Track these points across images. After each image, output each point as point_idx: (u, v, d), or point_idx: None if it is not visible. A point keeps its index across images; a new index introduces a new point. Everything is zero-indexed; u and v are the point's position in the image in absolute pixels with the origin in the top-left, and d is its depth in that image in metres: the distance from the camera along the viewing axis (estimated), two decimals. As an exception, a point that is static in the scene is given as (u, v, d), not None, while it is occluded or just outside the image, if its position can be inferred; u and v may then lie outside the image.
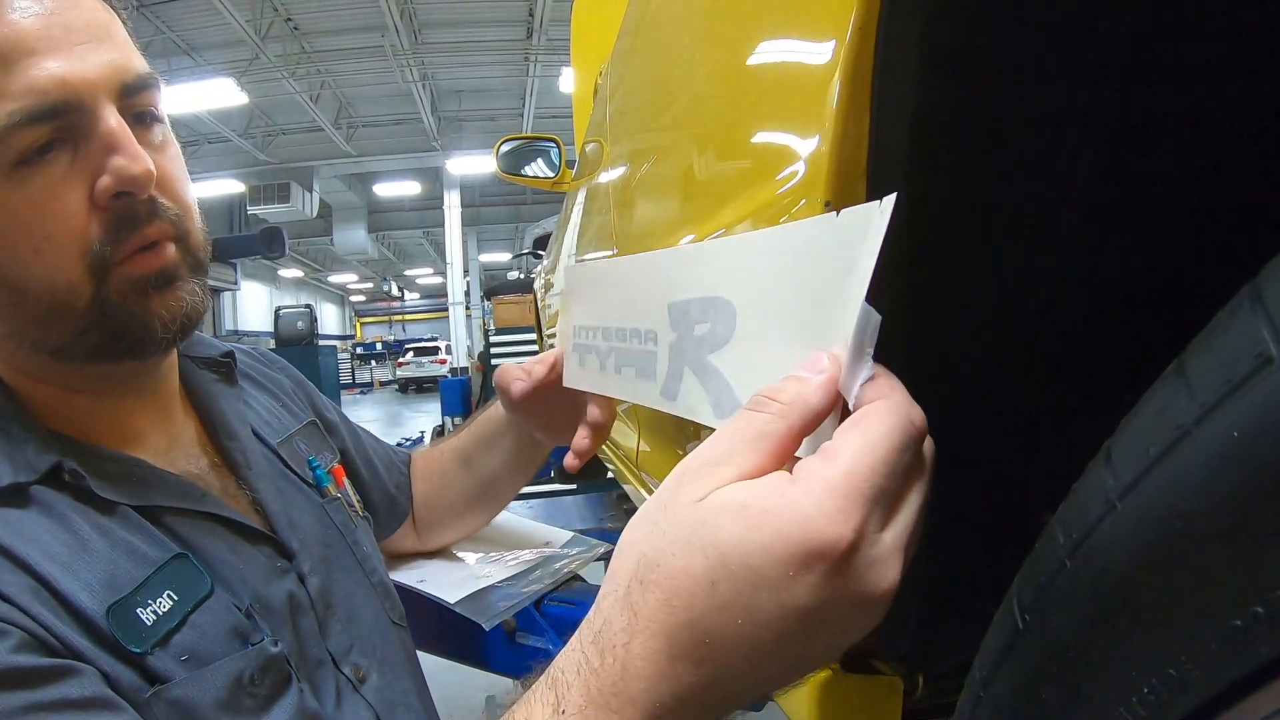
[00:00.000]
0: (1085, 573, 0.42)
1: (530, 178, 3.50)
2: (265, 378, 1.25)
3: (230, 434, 1.04)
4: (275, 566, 0.95)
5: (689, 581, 0.48)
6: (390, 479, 1.40)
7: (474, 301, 23.21)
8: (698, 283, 0.70)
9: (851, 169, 0.58)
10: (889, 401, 0.49)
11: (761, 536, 0.47)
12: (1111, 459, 0.41)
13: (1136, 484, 0.39)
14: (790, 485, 0.48)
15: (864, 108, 0.57)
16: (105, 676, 0.74)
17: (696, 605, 0.48)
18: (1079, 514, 0.43)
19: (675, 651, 0.48)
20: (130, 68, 0.84)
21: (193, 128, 17.72)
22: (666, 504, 0.51)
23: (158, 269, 0.85)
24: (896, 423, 0.48)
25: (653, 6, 1.28)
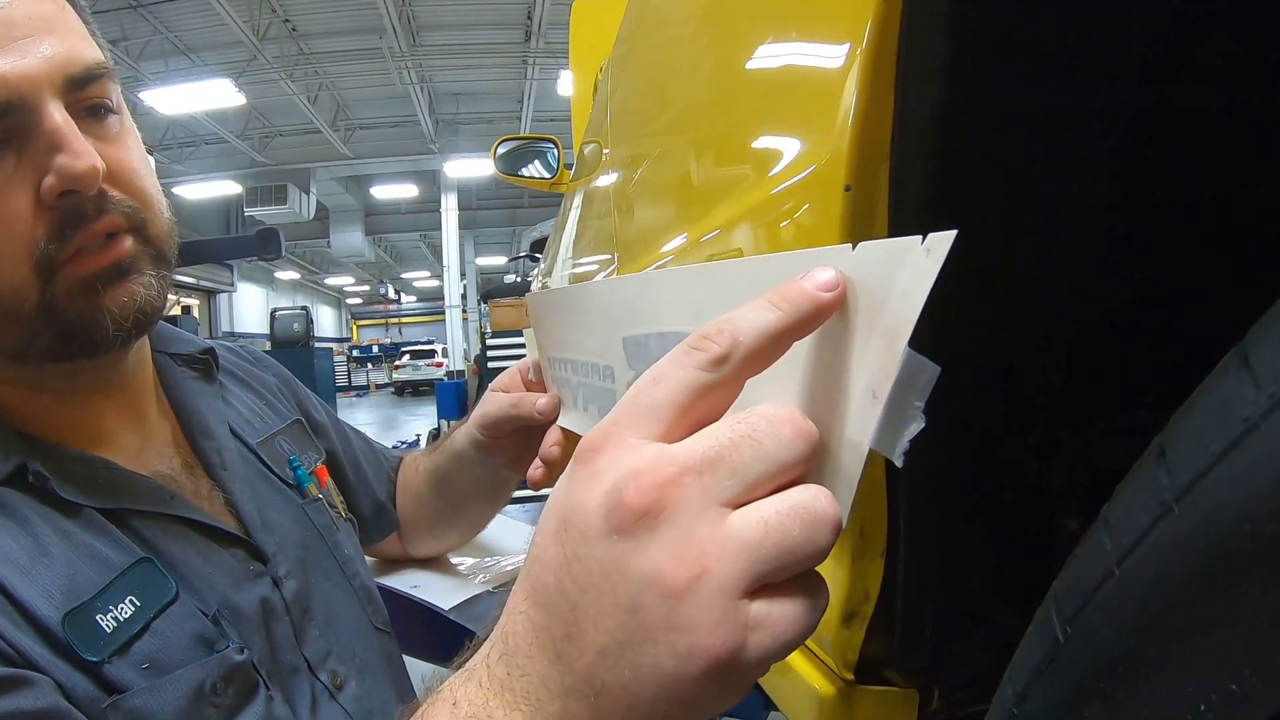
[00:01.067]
0: (1137, 581, 0.39)
1: (527, 178, 3.47)
2: (249, 375, 1.22)
3: (206, 432, 1.01)
4: (248, 570, 0.93)
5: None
6: (381, 486, 1.38)
7: (471, 304, 23.23)
8: (657, 315, 0.65)
9: (874, 151, 0.55)
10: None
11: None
12: (1166, 457, 0.38)
13: (1196, 484, 0.35)
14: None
15: (888, 86, 0.54)
16: (60, 686, 0.72)
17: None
18: (1128, 518, 0.40)
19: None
20: (77, 59, 0.81)
21: (190, 129, 17.78)
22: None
23: (109, 263, 0.82)
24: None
25: (655, 4, 1.25)
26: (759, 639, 0.43)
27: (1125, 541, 0.39)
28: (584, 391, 0.88)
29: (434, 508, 1.40)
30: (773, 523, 0.43)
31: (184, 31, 14.06)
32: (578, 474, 0.47)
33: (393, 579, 1.46)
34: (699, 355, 0.46)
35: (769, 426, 0.44)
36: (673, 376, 0.46)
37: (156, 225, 0.87)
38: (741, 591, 0.42)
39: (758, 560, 0.42)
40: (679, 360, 0.46)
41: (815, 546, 0.43)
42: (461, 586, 1.45)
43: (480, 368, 10.40)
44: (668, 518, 0.43)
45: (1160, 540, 0.37)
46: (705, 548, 0.42)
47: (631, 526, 0.43)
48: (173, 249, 0.90)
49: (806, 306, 0.45)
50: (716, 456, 0.44)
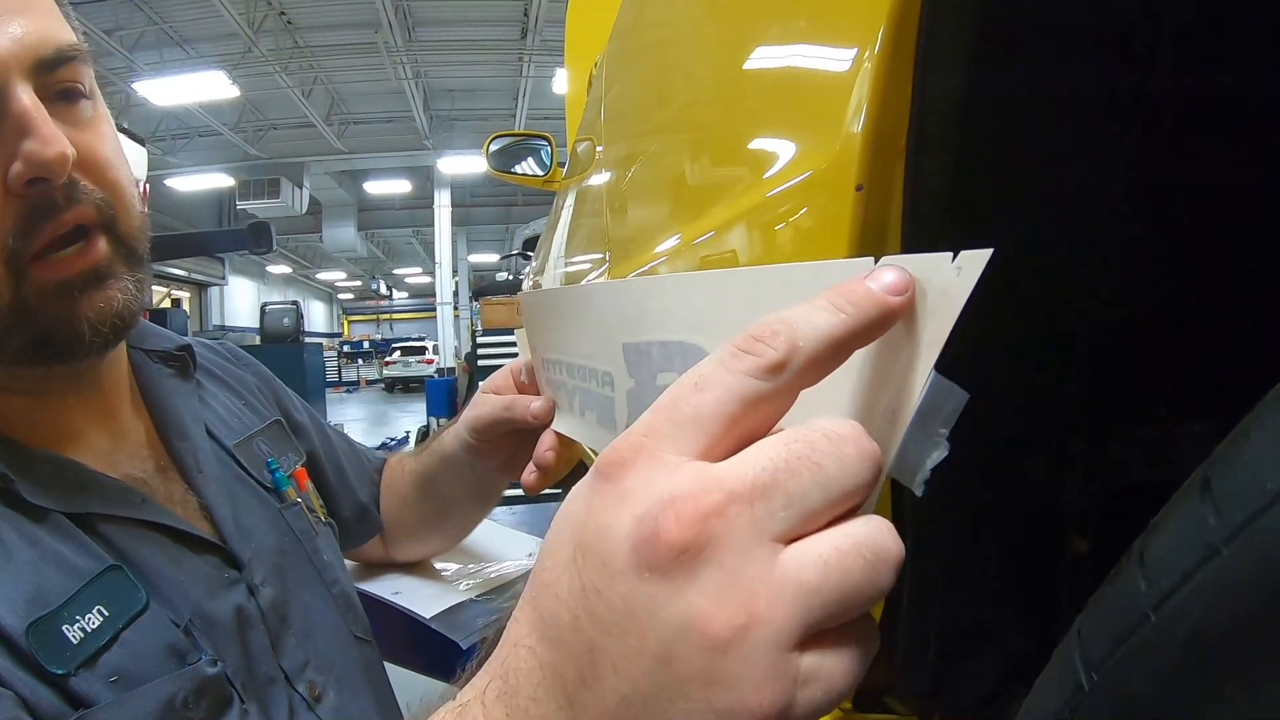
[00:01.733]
0: (1177, 628, 0.35)
1: (520, 175, 3.45)
2: (228, 374, 1.18)
3: (181, 433, 0.97)
4: (222, 578, 0.89)
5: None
6: (362, 488, 1.34)
7: (462, 302, 23.21)
8: (660, 322, 0.61)
9: (890, 147, 0.51)
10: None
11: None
12: (1212, 491, 0.34)
13: (1250, 525, 0.31)
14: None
15: (906, 75, 0.50)
16: (24, 700, 0.68)
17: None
18: (1168, 557, 0.36)
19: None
20: (49, 40, 0.78)
21: (183, 120, 17.76)
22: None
23: (86, 269, 0.79)
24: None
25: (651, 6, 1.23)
26: (810, 694, 0.37)
27: (1164, 584, 0.35)
28: (580, 396, 0.85)
29: (420, 511, 1.36)
30: (834, 562, 0.37)
31: (178, 22, 14.05)
32: (602, 491, 0.40)
33: (373, 584, 1.42)
34: (751, 360, 0.39)
35: (830, 446, 0.38)
36: (720, 382, 0.40)
37: (128, 220, 0.83)
38: (794, 642, 0.37)
39: (815, 606, 0.37)
40: (728, 364, 0.40)
41: (877, 589, 0.37)
42: (444, 594, 1.41)
43: (471, 365, 10.38)
44: (711, 555, 0.37)
45: (1205, 585, 0.33)
46: (754, 591, 0.36)
47: (667, 564, 0.37)
48: (145, 245, 0.86)
49: (873, 311, 0.39)
50: (770, 482, 0.37)
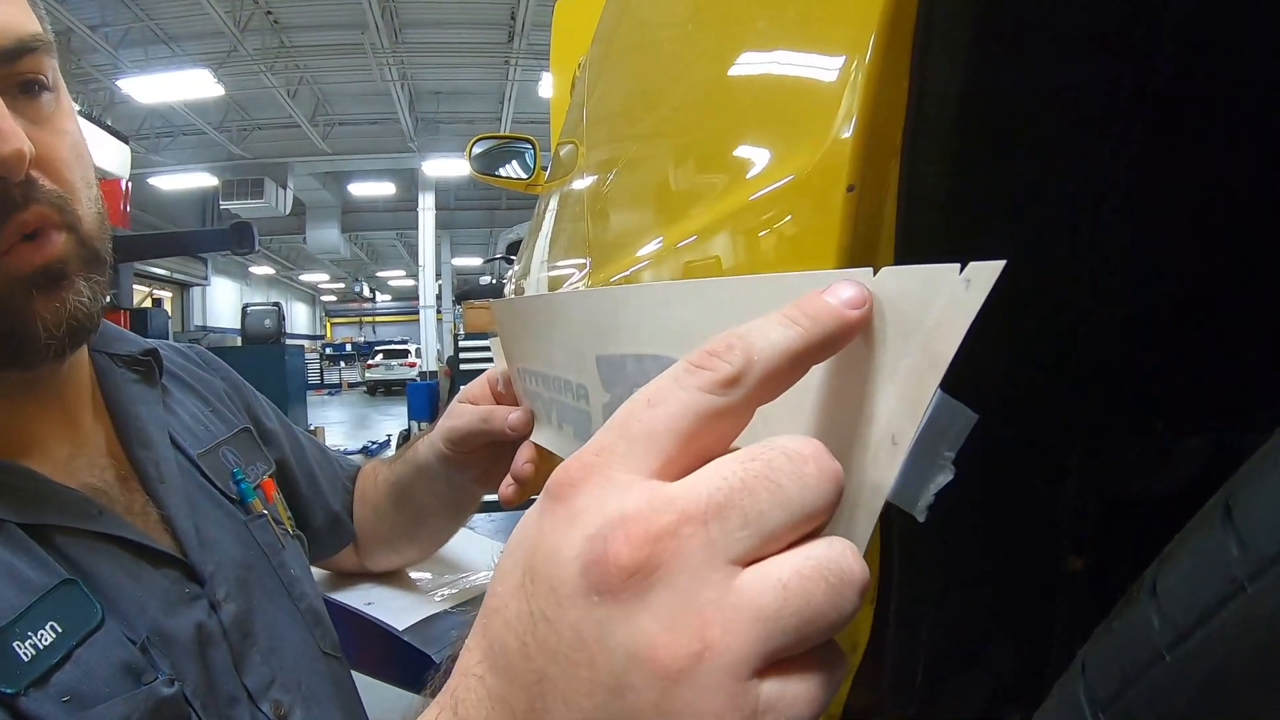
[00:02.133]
0: (1195, 670, 0.32)
1: (503, 178, 3.43)
2: (195, 379, 1.14)
3: (144, 442, 0.93)
4: (182, 593, 0.85)
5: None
6: (335, 496, 1.30)
7: (445, 305, 23.21)
8: (633, 335, 0.58)
9: (884, 145, 0.48)
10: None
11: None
12: (1234, 520, 0.31)
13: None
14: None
15: (902, 71, 0.47)
16: None
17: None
18: (1185, 591, 0.33)
19: None
20: (10, 29, 0.75)
21: (168, 119, 17.72)
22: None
23: (41, 264, 0.75)
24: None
25: (636, 3, 1.21)
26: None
27: (1180, 620, 0.32)
28: (557, 409, 0.83)
29: (393, 521, 1.33)
30: (793, 586, 0.35)
31: (165, 19, 14.00)
32: (551, 513, 0.38)
33: (346, 594, 1.39)
34: (706, 375, 0.38)
35: (790, 465, 0.36)
36: (673, 398, 0.38)
37: (88, 222, 0.80)
38: (752, 670, 0.34)
39: (774, 633, 0.34)
40: (681, 379, 0.38)
41: (840, 614, 0.35)
42: (418, 605, 1.37)
43: (453, 369, 10.36)
44: (663, 578, 0.35)
45: (1228, 624, 0.30)
46: (709, 617, 0.34)
47: (617, 587, 0.35)
48: (106, 247, 0.83)
49: (830, 324, 0.38)
50: (726, 501, 0.35)
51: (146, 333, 7.46)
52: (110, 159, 8.45)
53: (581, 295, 0.70)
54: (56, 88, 0.80)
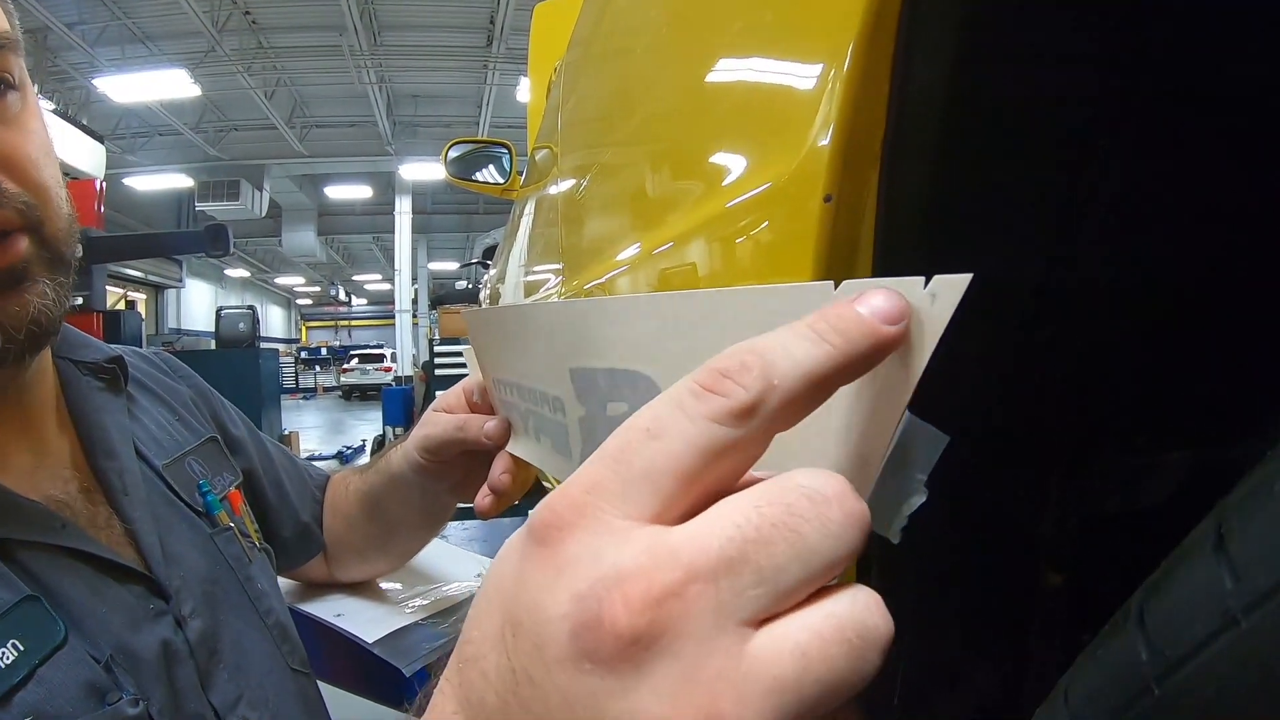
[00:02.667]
0: (1186, 706, 0.30)
1: (478, 183, 3.42)
2: (161, 386, 1.12)
3: (108, 452, 0.91)
4: (147, 609, 0.83)
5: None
6: (304, 506, 1.28)
7: (422, 310, 23.18)
8: (606, 349, 0.55)
9: (863, 153, 0.47)
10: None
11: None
12: (1228, 549, 0.29)
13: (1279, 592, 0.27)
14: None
15: (883, 76, 0.46)
16: None
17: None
18: (1176, 623, 0.31)
19: None
20: None
21: (144, 119, 17.59)
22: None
23: (4, 266, 0.73)
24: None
25: (613, 8, 1.20)
26: None
27: (1170, 653, 0.31)
28: (534, 420, 0.81)
29: (365, 531, 1.31)
30: (814, 652, 0.30)
31: (142, 18, 13.92)
32: (536, 558, 0.33)
33: (315, 605, 1.36)
34: (717, 402, 0.33)
35: (812, 509, 0.31)
36: (677, 431, 0.33)
37: (54, 223, 0.78)
38: None
39: (790, 704, 0.30)
40: (688, 406, 0.33)
41: (861, 677, 0.31)
42: (388, 617, 1.35)
43: (428, 374, 10.32)
44: (667, 646, 0.30)
45: (1221, 660, 0.29)
46: (718, 690, 0.30)
47: (614, 657, 0.30)
48: (73, 250, 0.81)
49: (863, 343, 0.33)
50: (739, 555, 0.31)
51: (120, 335, 7.44)
52: (85, 159, 8.39)
53: (554, 306, 0.69)
54: (23, 86, 0.78)
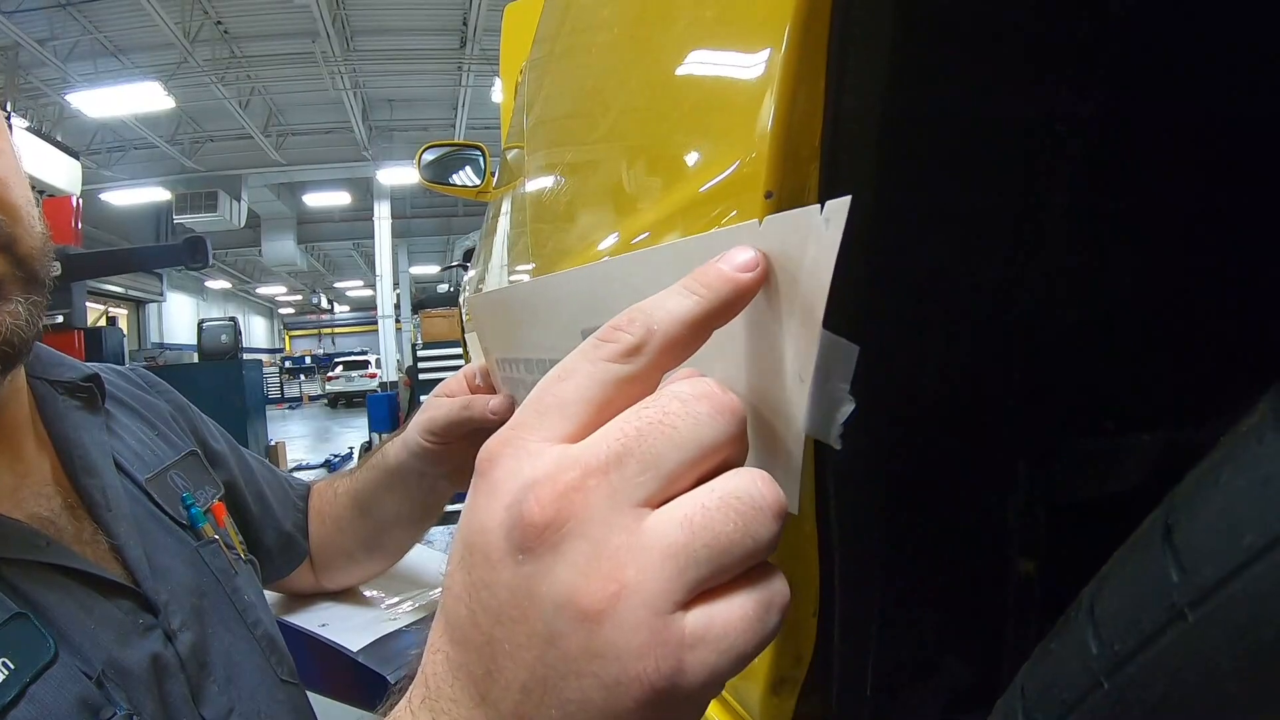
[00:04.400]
0: (1134, 701, 0.30)
1: (453, 186, 3.41)
2: (140, 402, 1.11)
3: (89, 469, 0.90)
4: (136, 624, 0.82)
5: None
6: (286, 516, 1.28)
7: (404, 314, 23.15)
8: (614, 304, 0.58)
9: (801, 150, 0.47)
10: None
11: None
12: (1173, 542, 0.29)
13: (1224, 586, 0.26)
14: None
15: (818, 70, 0.46)
16: None
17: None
18: (1123, 616, 0.31)
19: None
20: None
21: (119, 133, 17.52)
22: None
23: None
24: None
25: (574, 7, 1.19)
26: (701, 657, 0.36)
27: (1118, 648, 0.31)
28: None
29: (356, 532, 1.32)
30: (699, 520, 0.37)
31: (113, 31, 13.83)
32: (478, 488, 0.41)
33: (299, 616, 1.36)
34: (610, 347, 0.41)
35: (682, 407, 0.39)
36: (581, 371, 0.41)
37: (27, 242, 0.77)
38: (672, 605, 0.36)
39: (687, 565, 0.36)
40: (588, 353, 0.41)
41: (755, 540, 0.37)
42: (374, 624, 1.35)
43: (412, 379, 10.31)
44: (574, 529, 0.37)
45: (1168, 655, 0.28)
46: (621, 559, 0.37)
47: (535, 544, 0.37)
48: (46, 268, 0.79)
49: (725, 290, 0.41)
50: (623, 450, 0.38)
51: (102, 352, 7.39)
52: (61, 176, 8.34)
53: (569, 273, 0.71)
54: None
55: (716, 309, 0.41)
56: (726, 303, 0.41)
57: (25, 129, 9.52)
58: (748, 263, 0.41)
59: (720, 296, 0.41)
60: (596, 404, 0.40)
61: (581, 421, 0.40)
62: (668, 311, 0.41)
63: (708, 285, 0.41)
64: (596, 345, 0.41)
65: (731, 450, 0.39)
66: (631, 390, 0.41)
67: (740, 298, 0.41)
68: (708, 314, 0.41)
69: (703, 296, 0.41)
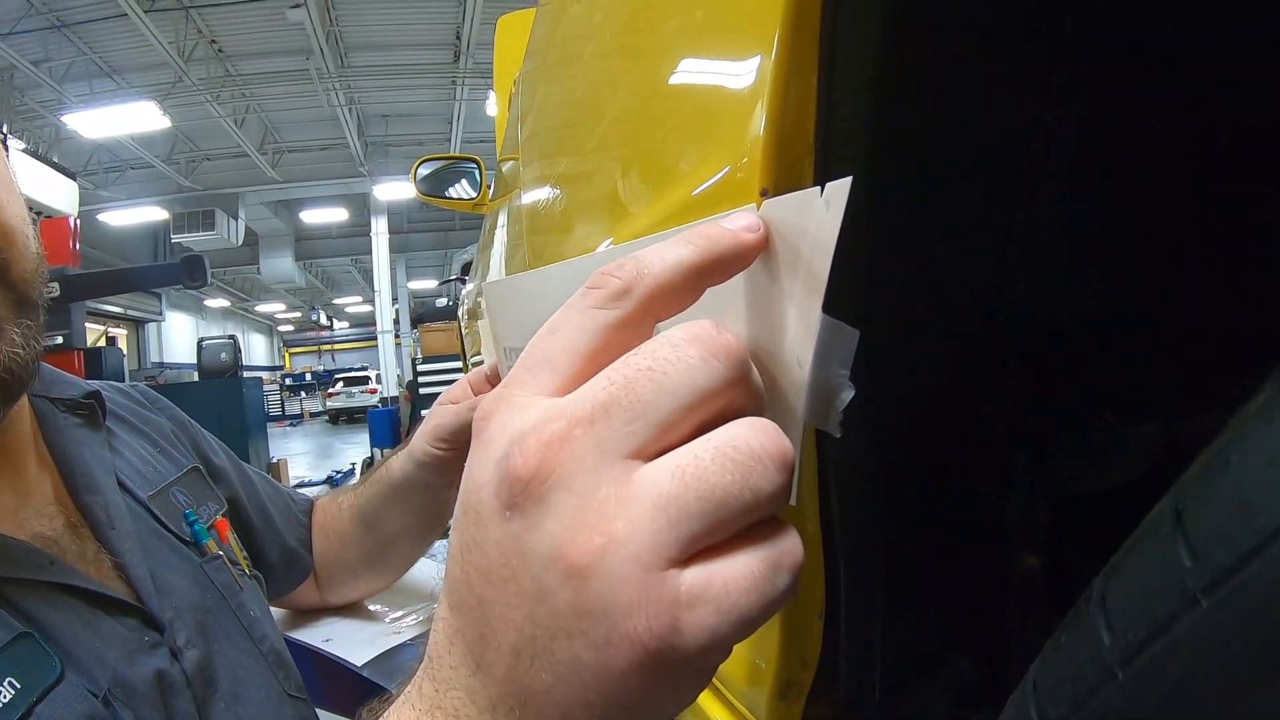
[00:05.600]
0: (1149, 690, 0.29)
1: (450, 199, 3.41)
2: (141, 419, 1.11)
3: (91, 487, 0.89)
4: (142, 641, 0.81)
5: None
6: (290, 531, 1.28)
7: (404, 329, 23.15)
8: None
9: (792, 147, 0.47)
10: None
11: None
12: (1185, 526, 0.28)
13: (1238, 570, 0.26)
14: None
15: (810, 65, 0.45)
16: None
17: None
18: (1135, 605, 0.30)
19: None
20: None
21: (115, 153, 17.54)
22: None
23: None
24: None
25: (563, 14, 1.20)
26: (699, 617, 0.34)
27: (1131, 637, 0.30)
28: None
29: (360, 547, 1.32)
30: (691, 471, 0.35)
31: (108, 52, 13.86)
32: (474, 448, 0.40)
33: (304, 633, 1.35)
34: (597, 293, 0.39)
35: (673, 352, 0.37)
36: (569, 321, 0.40)
37: (21, 264, 0.76)
38: (665, 560, 0.34)
39: (679, 519, 0.34)
40: (575, 304, 0.40)
41: (755, 492, 0.35)
42: (378, 638, 1.34)
43: (412, 394, 10.31)
44: (559, 481, 0.36)
45: (1183, 642, 0.28)
46: (608, 511, 0.35)
47: (521, 499, 0.36)
48: (41, 291, 0.78)
49: (724, 243, 0.40)
50: (609, 400, 0.36)
51: (102, 372, 7.40)
52: (58, 197, 8.37)
53: (579, 260, 0.71)
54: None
55: (712, 261, 0.40)
56: (723, 256, 0.40)
57: (22, 150, 9.53)
58: (750, 224, 0.40)
59: (718, 248, 0.40)
60: (585, 354, 0.39)
61: (571, 373, 0.39)
62: (661, 257, 0.40)
63: (706, 236, 0.40)
64: (585, 293, 0.40)
65: (733, 396, 0.37)
66: (622, 338, 0.39)
67: (738, 256, 0.40)
68: (703, 264, 0.39)
69: (699, 246, 0.39)
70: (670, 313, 0.40)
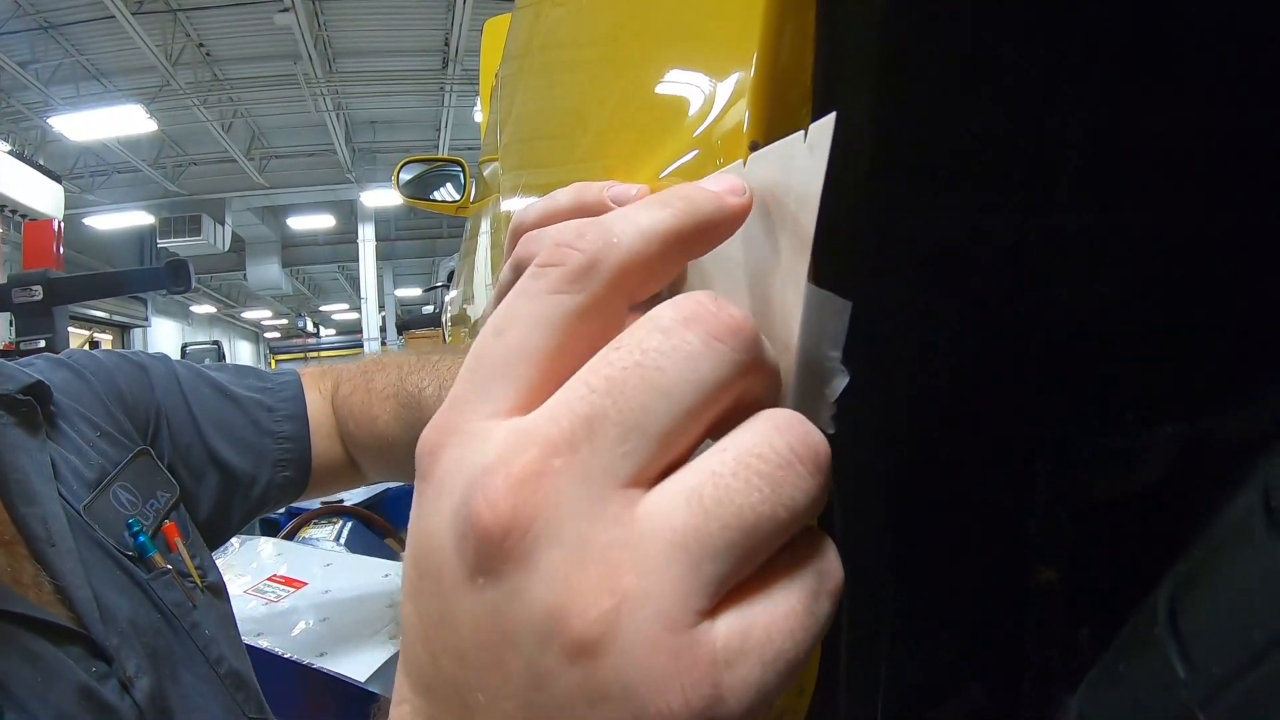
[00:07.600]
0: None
1: (433, 202, 3.38)
2: (80, 400, 1.00)
3: (28, 497, 0.82)
4: (89, 673, 0.75)
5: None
6: (262, 464, 1.14)
7: (390, 337, 23.15)
8: None
9: (789, 92, 0.41)
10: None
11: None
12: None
13: None
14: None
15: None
16: None
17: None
18: (1222, 631, 0.24)
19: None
20: None
21: (101, 156, 17.54)
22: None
23: None
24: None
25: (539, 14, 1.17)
26: (742, 676, 0.27)
27: (1216, 670, 0.24)
28: None
29: (404, 420, 1.17)
30: (710, 494, 0.27)
31: (95, 54, 13.84)
32: (419, 492, 0.31)
33: (295, 647, 1.30)
34: (554, 273, 0.31)
35: (665, 339, 0.29)
36: (521, 314, 0.31)
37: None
38: (694, 615, 0.27)
39: (703, 558, 0.27)
40: (527, 290, 0.31)
41: (791, 509, 0.27)
42: (376, 648, 1.31)
43: (398, 400, 10.23)
44: (543, 532, 0.27)
45: None
46: (614, 561, 0.27)
47: (494, 560, 0.28)
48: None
49: (707, 207, 0.33)
50: (592, 412, 0.28)
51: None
52: (43, 199, 8.33)
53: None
54: None
55: (693, 227, 0.32)
56: (706, 222, 0.33)
57: (7, 153, 9.49)
58: (734, 186, 0.33)
59: (700, 212, 0.33)
60: (546, 354, 0.30)
61: (531, 383, 0.30)
62: (632, 222, 0.32)
63: (685, 198, 0.33)
64: (535, 274, 0.31)
65: (747, 383, 0.30)
66: (590, 328, 0.31)
67: (722, 222, 0.33)
68: (683, 230, 0.32)
69: (678, 209, 0.32)
70: (646, 293, 0.33)
